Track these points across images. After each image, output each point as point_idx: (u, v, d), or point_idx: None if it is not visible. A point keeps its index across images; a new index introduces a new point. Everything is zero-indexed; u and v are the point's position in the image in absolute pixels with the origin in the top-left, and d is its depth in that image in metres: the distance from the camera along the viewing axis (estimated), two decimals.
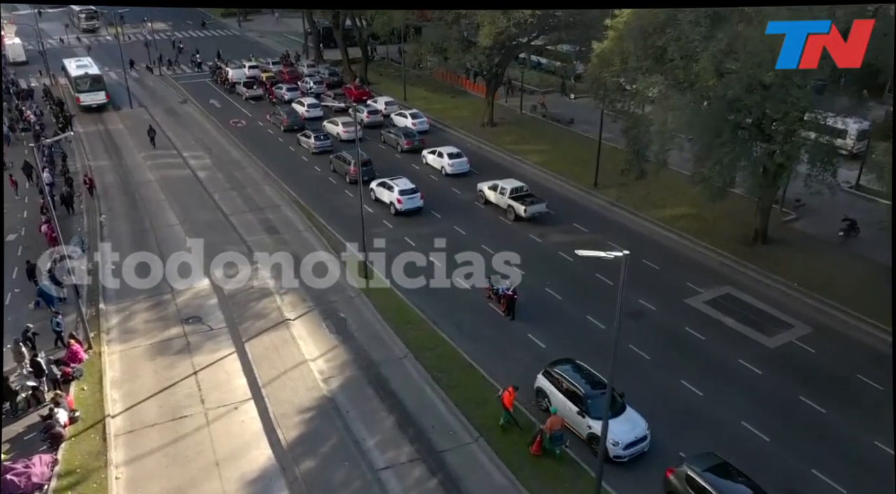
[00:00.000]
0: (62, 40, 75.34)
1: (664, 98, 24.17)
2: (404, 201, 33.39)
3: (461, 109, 50.77)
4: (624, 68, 26.52)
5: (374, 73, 60.93)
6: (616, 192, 35.76)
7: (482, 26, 37.52)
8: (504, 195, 33.67)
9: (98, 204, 34.19)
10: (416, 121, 46.20)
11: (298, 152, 42.76)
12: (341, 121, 44.96)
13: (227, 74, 57.85)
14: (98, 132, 46.49)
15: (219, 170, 39.73)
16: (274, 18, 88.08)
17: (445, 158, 38.96)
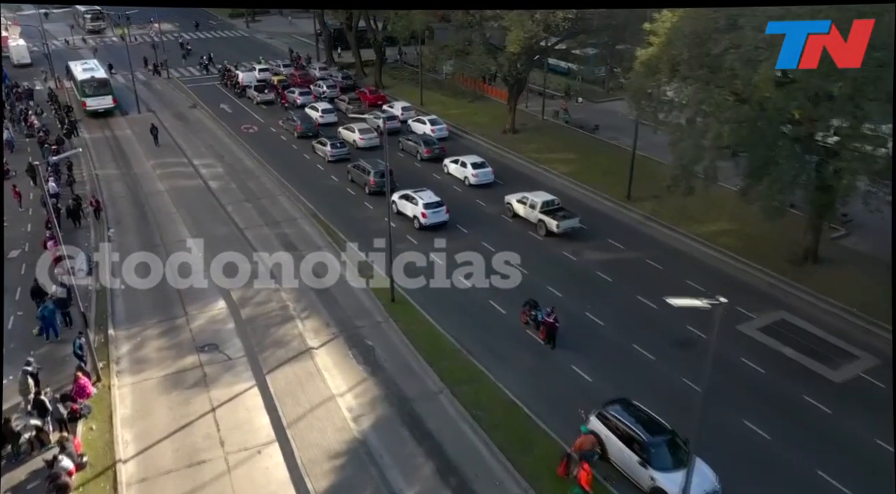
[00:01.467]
0: (67, 41, 73.71)
1: (719, 110, 22.30)
2: (429, 215, 31.58)
3: (480, 115, 48.94)
4: (672, 77, 24.66)
5: (387, 76, 59.12)
6: (651, 205, 33.93)
7: (509, 30, 35.63)
8: (534, 209, 31.83)
9: (105, 216, 32.35)
10: (436, 128, 44.40)
11: (314, 160, 40.98)
12: (358, 127, 43.15)
13: (237, 78, 56.07)
14: (105, 138, 44.78)
15: (232, 179, 37.96)
16: (282, 19, 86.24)
17: (469, 168, 37.13)
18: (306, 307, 25.56)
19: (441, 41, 54.35)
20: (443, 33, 51.93)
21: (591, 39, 40.69)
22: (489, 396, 20.82)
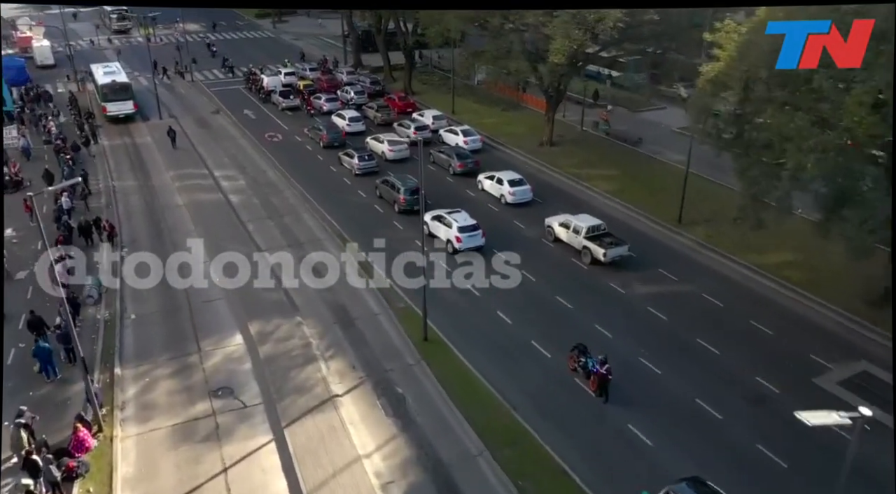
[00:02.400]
0: (93, 42, 72.41)
1: (802, 137, 19.58)
2: (464, 239, 29.16)
3: (515, 125, 46.35)
4: (745, 97, 21.93)
5: (417, 81, 56.76)
6: (704, 230, 31.18)
7: (553, 39, 32.99)
8: (578, 235, 29.25)
9: (119, 239, 30.31)
10: (469, 140, 41.96)
11: (340, 173, 38.76)
12: (386, 138, 40.86)
13: (261, 82, 54.11)
14: (124, 146, 43.01)
15: (254, 193, 35.88)
16: (310, 20, 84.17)
17: (506, 186, 34.62)
18: (331, 344, 23.29)
19: (474, 45, 51.99)
20: (476, 39, 49.44)
21: (639, 46, 37.67)
22: (534, 461, 18.36)
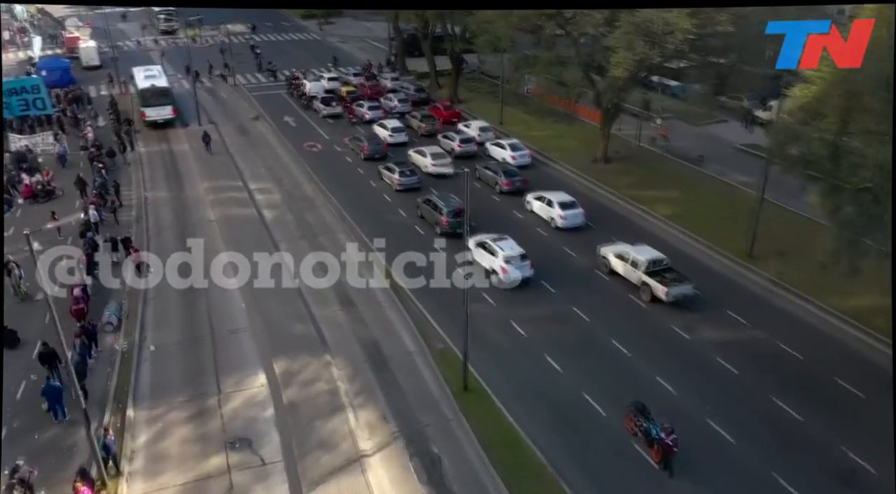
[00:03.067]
0: (139, 43, 72.13)
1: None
2: (511, 270, 26.73)
3: (567, 138, 43.55)
4: (845, 129, 19.04)
5: (463, 88, 54.39)
6: (777, 266, 28.08)
7: (614, 51, 30.26)
8: (637, 268, 26.53)
9: (146, 267, 28.69)
10: (517, 154, 39.47)
11: (380, 188, 36.70)
12: (430, 151, 38.65)
13: (303, 87, 52.55)
14: (161, 153, 41.81)
15: (288, 209, 34.09)
16: (356, 22, 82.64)
17: (556, 208, 32.05)
18: (361, 389, 21.15)
19: (523, 50, 49.49)
20: (527, 44, 46.85)
21: (706, 58, 34.57)
22: None
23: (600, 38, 31.78)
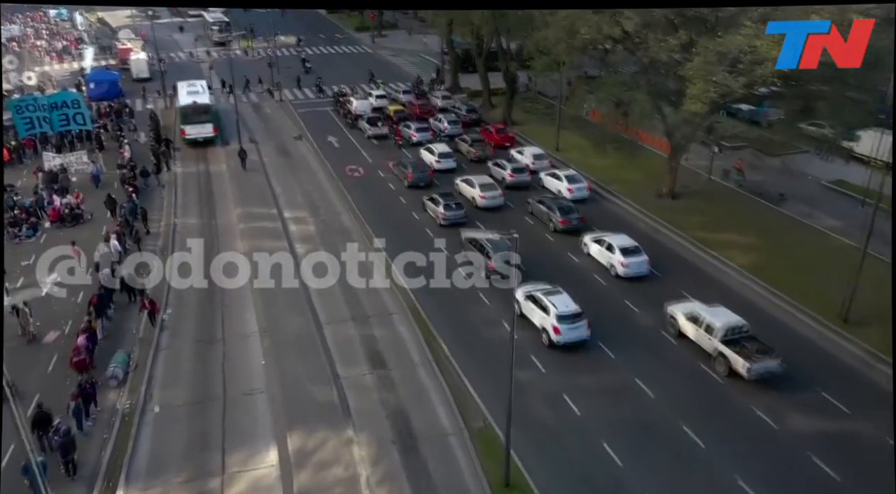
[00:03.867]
0: (191, 54, 71.43)
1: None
2: (564, 331, 23.39)
3: (629, 169, 39.71)
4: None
5: (518, 109, 51.14)
6: (878, 335, 23.85)
7: (692, 83, 26.58)
8: (712, 335, 22.84)
9: (164, 301, 26.50)
10: (574, 187, 36.05)
11: (423, 221, 33.79)
12: (478, 182, 35.59)
13: (350, 105, 50.29)
14: (197, 174, 39.94)
15: (322, 242, 31.49)
16: (408, 35, 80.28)
17: (617, 254, 28.52)
18: (384, 477, 18.16)
19: (585, 69, 46.13)
20: (587, 62, 43.32)
21: (798, 85, 30.44)
22: None
23: (674, 65, 28.07)
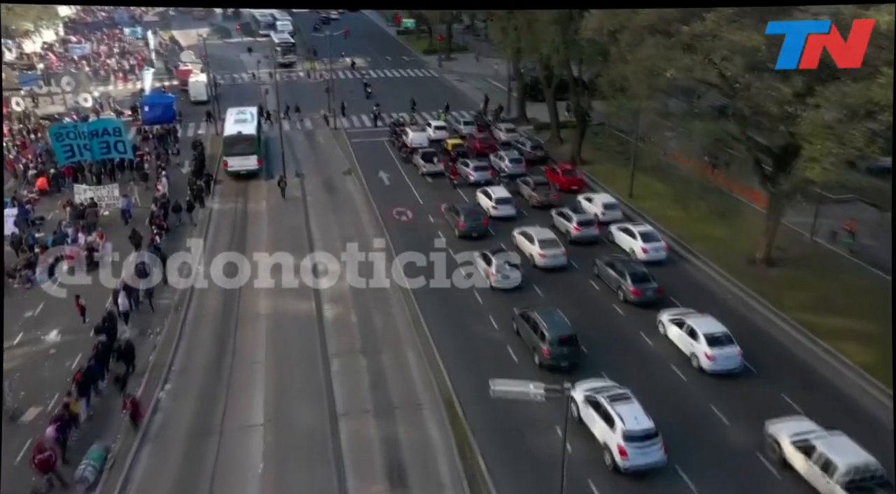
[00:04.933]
0: (254, 75, 69.64)
1: None
2: (632, 454, 18.52)
3: (715, 224, 33.69)
4: None
5: (588, 145, 46.14)
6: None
7: (809, 141, 21.28)
8: (830, 476, 17.51)
9: (163, 379, 23.06)
10: (649, 247, 31.02)
11: (474, 281, 29.44)
12: (538, 237, 30.99)
13: (405, 137, 46.71)
14: (233, 212, 36.97)
15: (354, 304, 27.65)
16: (476, 60, 76.38)
17: (702, 343, 23.35)
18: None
19: (665, 104, 40.89)
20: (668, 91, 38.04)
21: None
22: None
23: (785, 119, 22.77)
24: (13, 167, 40.98)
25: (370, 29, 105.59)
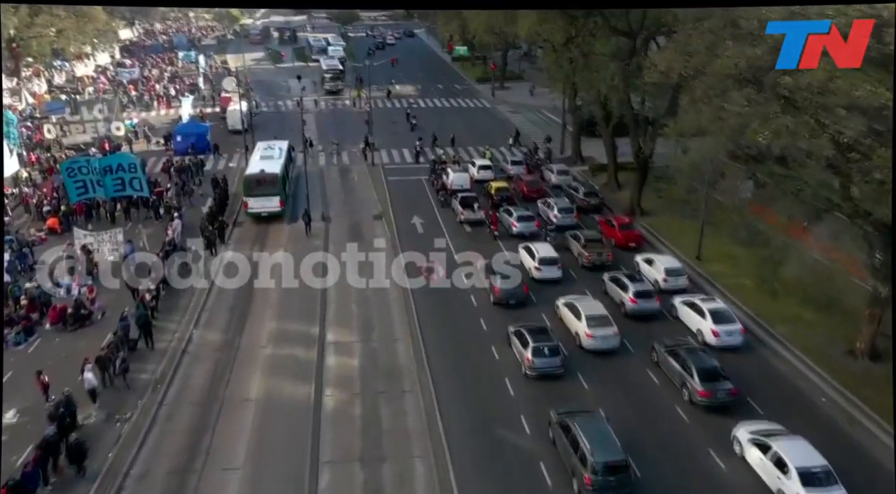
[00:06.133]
0: (297, 103, 66.64)
1: None
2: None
3: (802, 301, 28.36)
4: None
5: (649, 189, 40.69)
6: None
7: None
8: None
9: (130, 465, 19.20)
10: (722, 330, 25.63)
11: (505, 364, 24.79)
12: (586, 312, 25.96)
13: (445, 178, 42.52)
14: (245, 264, 33.01)
15: (362, 391, 23.25)
16: (535, 88, 71.79)
17: (793, 480, 17.91)
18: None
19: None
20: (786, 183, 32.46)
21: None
22: None
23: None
24: (28, 202, 38.60)
25: (425, 54, 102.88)
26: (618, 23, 35.14)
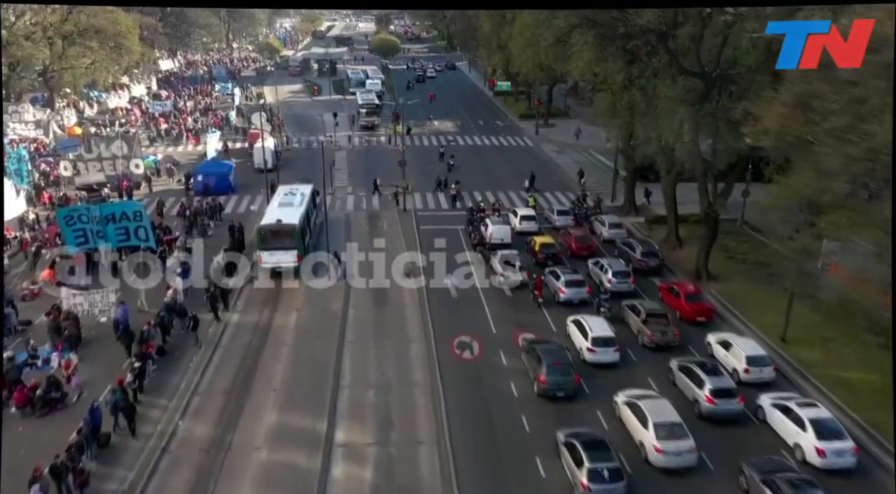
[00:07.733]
0: (331, 138, 63.15)
1: None
2: None
3: None
4: None
5: (717, 249, 35.50)
6: None
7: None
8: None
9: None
10: (828, 449, 20.26)
11: (553, 481, 19.88)
12: (654, 418, 20.88)
13: (484, 229, 38.03)
14: (253, 329, 29.05)
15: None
16: (583, 125, 66.94)
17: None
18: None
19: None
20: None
21: None
22: None
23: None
24: (26, 249, 35.33)
25: (466, 88, 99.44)
26: (686, 62, 30.48)
